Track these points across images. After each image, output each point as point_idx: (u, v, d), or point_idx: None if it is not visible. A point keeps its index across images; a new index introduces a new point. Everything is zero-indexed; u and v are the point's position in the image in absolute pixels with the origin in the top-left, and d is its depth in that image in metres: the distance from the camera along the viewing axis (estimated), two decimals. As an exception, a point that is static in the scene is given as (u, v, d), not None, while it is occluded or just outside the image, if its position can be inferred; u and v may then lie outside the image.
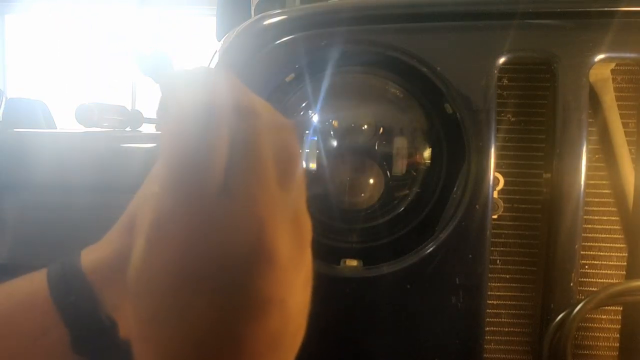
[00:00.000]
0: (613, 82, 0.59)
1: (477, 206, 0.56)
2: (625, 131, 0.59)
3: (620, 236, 0.60)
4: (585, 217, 0.57)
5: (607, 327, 0.61)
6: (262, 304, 0.21)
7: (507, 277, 0.61)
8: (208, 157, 0.21)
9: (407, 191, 0.62)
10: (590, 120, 0.58)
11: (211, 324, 0.20)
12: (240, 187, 0.21)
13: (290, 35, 0.59)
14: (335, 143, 0.60)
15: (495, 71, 0.56)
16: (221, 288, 0.20)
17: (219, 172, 0.21)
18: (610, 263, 0.60)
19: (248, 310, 0.20)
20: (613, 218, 0.60)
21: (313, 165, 0.59)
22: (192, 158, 0.21)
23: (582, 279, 0.59)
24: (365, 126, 0.60)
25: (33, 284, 0.31)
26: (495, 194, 0.58)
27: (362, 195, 0.61)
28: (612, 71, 0.59)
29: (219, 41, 1.15)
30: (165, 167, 0.21)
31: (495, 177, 0.57)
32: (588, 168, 0.56)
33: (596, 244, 0.60)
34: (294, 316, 0.22)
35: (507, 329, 0.62)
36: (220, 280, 0.20)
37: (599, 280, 0.60)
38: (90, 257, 0.32)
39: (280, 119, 0.25)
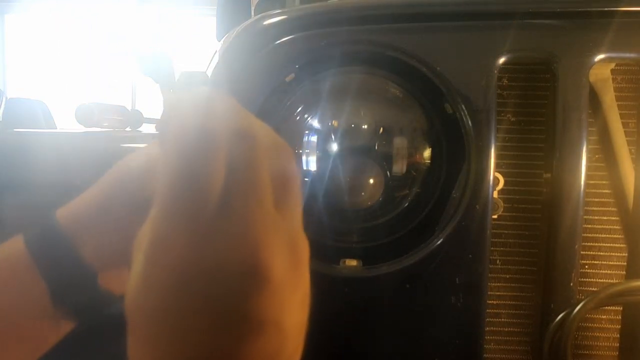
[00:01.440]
0: (613, 82, 0.59)
1: (477, 206, 0.56)
2: (625, 131, 0.59)
3: (620, 236, 0.60)
4: (585, 217, 0.57)
5: (607, 327, 0.61)
6: (257, 325, 0.21)
7: (507, 277, 0.61)
8: (206, 179, 0.21)
9: (407, 191, 0.62)
10: (590, 120, 0.58)
11: (207, 343, 0.21)
12: (236, 209, 0.21)
13: (290, 35, 0.59)
14: (335, 143, 0.60)
15: (495, 71, 0.56)
16: (217, 309, 0.21)
17: (216, 194, 0.21)
18: (610, 263, 0.60)
19: (244, 331, 0.21)
20: (613, 218, 0.60)
21: (313, 166, 0.59)
22: (190, 180, 0.21)
23: (582, 279, 0.59)
24: (365, 126, 0.60)
25: (10, 246, 0.32)
26: (495, 194, 0.58)
27: (362, 195, 0.61)
28: (612, 71, 0.59)
29: (219, 41, 1.15)
30: (164, 188, 0.21)
31: (495, 177, 0.57)
32: (588, 168, 0.56)
33: (596, 244, 0.60)
34: (290, 337, 0.22)
35: (507, 329, 0.62)
36: (216, 301, 0.21)
37: (599, 280, 0.60)
38: (66, 211, 0.32)
39: (279, 141, 0.25)
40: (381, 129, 0.60)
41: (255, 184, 0.22)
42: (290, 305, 0.22)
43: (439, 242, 0.57)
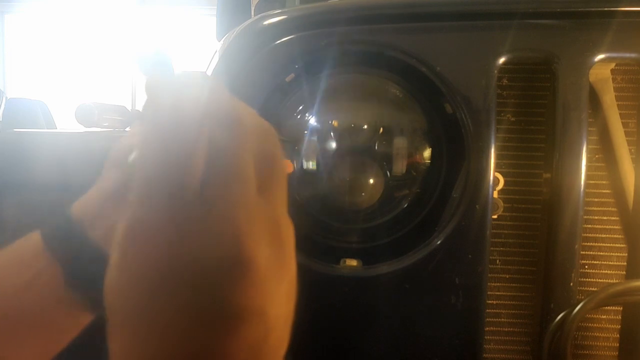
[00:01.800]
0: (613, 82, 0.59)
1: (477, 206, 0.56)
2: (625, 131, 0.59)
3: (620, 236, 0.60)
4: (585, 217, 0.57)
5: (607, 327, 0.61)
6: (239, 315, 0.20)
7: (507, 277, 0.61)
8: (185, 163, 0.20)
9: (407, 191, 0.62)
10: (590, 120, 0.58)
11: (187, 334, 0.20)
12: (217, 194, 0.21)
13: (290, 35, 0.59)
14: (335, 143, 0.60)
15: (495, 71, 0.56)
16: (197, 297, 0.20)
17: (196, 178, 0.20)
18: (610, 263, 0.60)
19: (225, 320, 0.20)
20: (613, 218, 0.60)
21: (313, 165, 0.59)
22: (168, 163, 0.20)
23: (582, 279, 0.59)
24: (365, 126, 0.60)
25: (27, 238, 0.32)
26: (495, 194, 0.58)
27: (362, 195, 0.61)
28: (612, 71, 0.59)
29: (219, 41, 1.15)
30: (140, 172, 0.21)
31: (495, 177, 0.57)
32: (588, 168, 0.56)
33: (596, 244, 0.60)
34: (275, 328, 0.22)
35: (507, 329, 0.62)
36: (196, 290, 0.20)
37: (599, 280, 0.60)
38: (81, 201, 0.33)
39: (264, 124, 0.24)
40: (381, 129, 0.60)
41: (238, 167, 0.21)
42: (275, 295, 0.21)
43: (439, 242, 0.57)
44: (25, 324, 0.32)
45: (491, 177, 0.56)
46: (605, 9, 0.56)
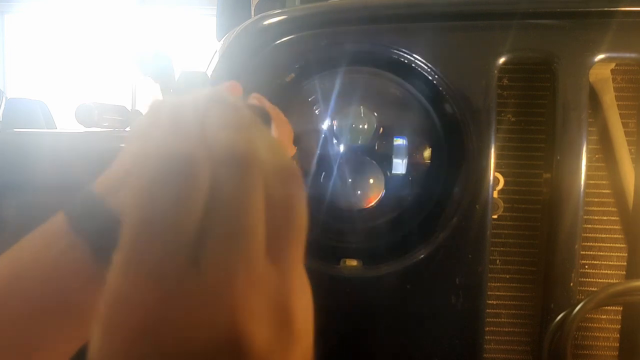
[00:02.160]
0: (613, 82, 0.59)
1: (477, 206, 0.56)
2: (625, 131, 0.59)
3: (620, 236, 0.60)
4: (585, 217, 0.57)
5: (607, 327, 0.61)
6: None
7: (507, 277, 0.61)
8: (177, 215, 0.17)
9: (407, 191, 0.62)
10: (590, 120, 0.58)
11: None
12: (215, 257, 0.17)
13: (290, 35, 0.59)
14: (335, 143, 0.60)
15: (495, 71, 0.56)
16: None
17: (191, 236, 0.17)
18: (610, 263, 0.60)
19: None
20: (613, 218, 0.60)
21: (313, 166, 0.59)
22: (157, 218, 0.17)
23: (582, 279, 0.59)
24: (365, 126, 0.60)
25: (50, 220, 0.31)
26: (495, 194, 0.58)
27: (362, 195, 0.61)
28: (612, 71, 0.59)
29: (219, 41, 1.15)
30: (130, 215, 0.17)
31: (495, 177, 0.57)
32: (588, 168, 0.56)
33: (596, 244, 0.60)
34: None
35: (507, 329, 0.62)
36: None
37: (599, 280, 0.60)
38: (101, 177, 0.31)
39: (286, 164, 0.20)
40: (381, 129, 0.60)
41: (244, 223, 0.17)
42: None
43: (439, 242, 0.57)
44: (57, 308, 0.30)
45: (491, 177, 0.56)
46: (605, 9, 0.56)
